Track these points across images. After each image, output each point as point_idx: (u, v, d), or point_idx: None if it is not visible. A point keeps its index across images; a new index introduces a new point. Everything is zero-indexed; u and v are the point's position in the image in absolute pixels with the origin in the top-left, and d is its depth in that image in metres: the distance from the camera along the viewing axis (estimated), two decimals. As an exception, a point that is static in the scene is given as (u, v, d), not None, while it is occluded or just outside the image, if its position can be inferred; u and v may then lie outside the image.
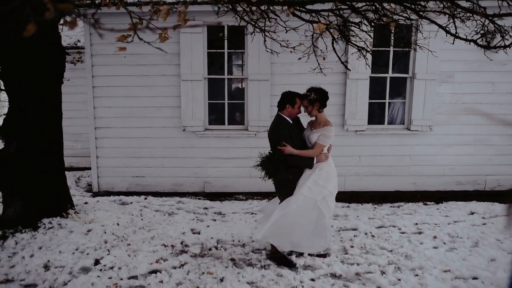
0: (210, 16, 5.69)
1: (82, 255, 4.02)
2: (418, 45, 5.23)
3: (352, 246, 4.30)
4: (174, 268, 3.82)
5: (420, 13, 3.96)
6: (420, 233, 4.76)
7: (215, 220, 5.31)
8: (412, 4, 3.93)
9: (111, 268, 3.79)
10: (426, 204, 6.08)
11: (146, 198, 6.20)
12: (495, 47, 4.40)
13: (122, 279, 3.59)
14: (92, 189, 6.71)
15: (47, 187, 4.80)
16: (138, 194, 6.44)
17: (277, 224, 3.75)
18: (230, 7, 4.30)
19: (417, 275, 3.70)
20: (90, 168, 6.93)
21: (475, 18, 4.44)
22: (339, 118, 6.27)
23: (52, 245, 4.20)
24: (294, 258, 3.99)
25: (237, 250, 4.23)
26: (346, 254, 4.15)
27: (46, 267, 3.77)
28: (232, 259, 4.04)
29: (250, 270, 3.76)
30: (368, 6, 4.25)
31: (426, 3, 4.07)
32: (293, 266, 3.86)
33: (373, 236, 4.64)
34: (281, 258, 3.95)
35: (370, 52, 5.35)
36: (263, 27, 4.70)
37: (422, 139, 6.37)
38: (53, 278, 3.60)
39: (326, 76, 5.75)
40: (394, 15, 4.07)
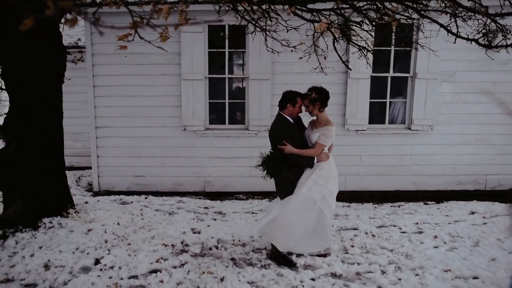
0: (211, 15, 5.67)
1: (83, 255, 4.02)
2: (420, 44, 5.22)
3: (352, 246, 4.30)
4: (175, 267, 3.82)
5: (421, 12, 3.95)
6: (420, 232, 4.76)
7: (216, 219, 5.30)
8: (413, 3, 3.92)
9: (112, 267, 3.79)
10: (426, 203, 6.07)
11: (146, 198, 6.20)
12: (497, 47, 4.39)
13: (122, 279, 3.59)
14: (92, 188, 6.71)
15: (48, 187, 4.80)
16: (139, 193, 6.43)
17: (275, 221, 3.75)
18: (231, 7, 4.29)
19: (417, 275, 3.69)
20: (91, 167, 6.93)
21: (477, 18, 4.43)
22: (340, 117, 6.26)
23: (52, 244, 4.20)
24: (294, 257, 3.99)
25: (237, 250, 4.22)
26: (347, 253, 4.15)
27: (47, 267, 3.77)
28: (232, 259, 4.04)
29: (251, 270, 3.75)
30: (369, 5, 4.24)
31: (428, 2, 4.06)
32: (293, 266, 3.86)
33: (373, 235, 4.63)
34: (281, 258, 3.95)
35: (371, 51, 5.34)
36: (264, 27, 4.70)
37: (423, 139, 6.36)
38: (53, 277, 3.59)
39: (327, 75, 5.74)
40: (395, 14, 4.06)
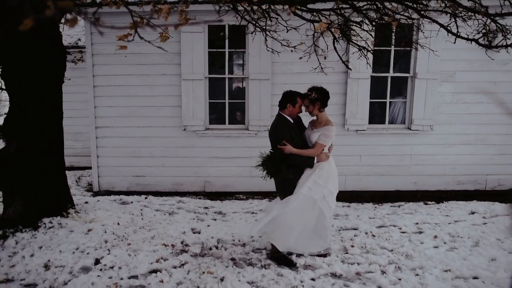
0: (211, 15, 5.68)
1: (83, 255, 4.02)
2: (420, 44, 5.22)
3: (352, 246, 4.30)
4: (175, 267, 3.82)
5: (421, 12, 3.95)
6: (420, 232, 4.76)
7: (216, 219, 5.30)
8: (413, 3, 3.92)
9: (112, 267, 3.79)
10: (426, 203, 6.07)
11: (146, 198, 6.20)
12: (497, 47, 4.39)
13: (122, 279, 3.59)
14: (92, 188, 6.71)
15: (48, 187, 4.80)
16: (139, 193, 6.43)
17: (275, 221, 3.75)
18: (231, 7, 4.29)
19: (417, 275, 3.69)
20: (91, 167, 6.93)
21: (477, 18, 4.43)
22: (340, 117, 6.26)
23: (52, 244, 4.20)
24: (294, 257, 3.99)
25: (237, 250, 4.22)
26: (347, 253, 4.14)
27: (46, 267, 3.77)
28: (232, 259, 4.04)
29: (251, 270, 3.75)
30: (369, 5, 4.24)
31: (428, 2, 4.06)
32: (293, 266, 3.86)
33: (373, 235, 4.63)
34: (281, 258, 3.95)
35: (371, 51, 5.34)
36: (264, 27, 4.70)
37: (423, 139, 6.36)
38: (53, 277, 3.59)
39: (327, 75, 5.74)
40: (395, 14, 4.06)
